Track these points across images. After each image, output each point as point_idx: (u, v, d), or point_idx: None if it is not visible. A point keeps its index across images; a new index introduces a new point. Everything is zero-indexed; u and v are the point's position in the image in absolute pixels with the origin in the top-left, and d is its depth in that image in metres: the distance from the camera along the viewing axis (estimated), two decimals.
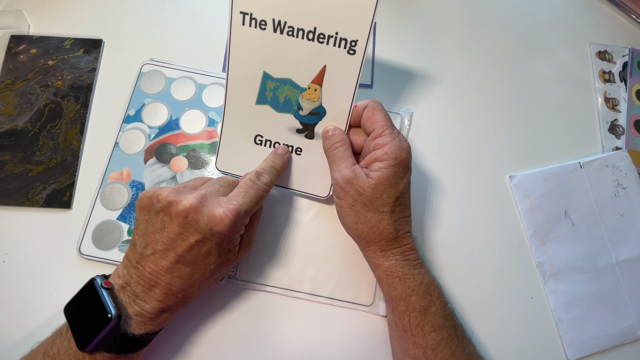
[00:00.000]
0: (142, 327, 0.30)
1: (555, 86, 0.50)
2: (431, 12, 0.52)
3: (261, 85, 0.36)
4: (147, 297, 0.30)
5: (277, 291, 0.39)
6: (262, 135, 0.38)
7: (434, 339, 0.32)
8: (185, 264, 0.31)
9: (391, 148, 0.33)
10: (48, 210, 0.40)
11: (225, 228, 0.30)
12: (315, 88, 0.36)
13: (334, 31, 0.33)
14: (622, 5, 0.55)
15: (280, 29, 0.34)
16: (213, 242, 0.31)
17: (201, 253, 0.31)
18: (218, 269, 0.32)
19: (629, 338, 0.41)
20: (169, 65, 0.45)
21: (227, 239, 0.31)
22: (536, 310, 0.41)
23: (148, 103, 0.44)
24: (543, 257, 0.43)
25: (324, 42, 0.34)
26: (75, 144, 0.42)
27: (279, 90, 0.36)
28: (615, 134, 0.49)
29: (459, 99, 0.48)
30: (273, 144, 0.38)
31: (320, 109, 0.37)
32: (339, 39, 0.33)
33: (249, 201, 0.32)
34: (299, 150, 0.39)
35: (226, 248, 0.32)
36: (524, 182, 0.45)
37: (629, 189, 0.46)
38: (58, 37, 0.46)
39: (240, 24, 0.34)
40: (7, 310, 0.37)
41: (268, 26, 0.34)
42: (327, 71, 0.35)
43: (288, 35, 0.34)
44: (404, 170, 0.34)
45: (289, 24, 0.33)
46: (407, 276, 0.33)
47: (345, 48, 0.34)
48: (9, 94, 0.44)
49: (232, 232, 0.31)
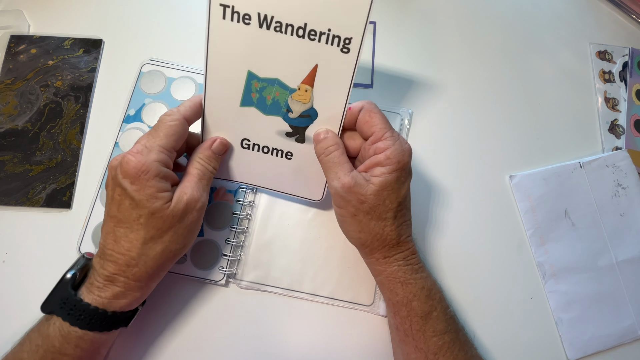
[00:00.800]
0: (90, 295, 0.30)
1: (555, 86, 0.50)
2: (431, 12, 0.52)
3: (246, 86, 0.33)
4: (97, 265, 0.31)
5: (277, 291, 0.39)
6: (248, 139, 0.36)
7: (435, 344, 0.32)
8: (118, 224, 0.31)
9: (393, 152, 0.32)
10: (48, 210, 0.40)
11: (130, 168, 0.29)
12: (305, 89, 0.33)
13: (326, 28, 0.30)
14: (622, 5, 0.55)
15: (266, 24, 0.31)
16: (126, 188, 0.30)
17: (124, 207, 0.30)
18: (151, 225, 0.30)
19: (629, 338, 0.41)
20: (169, 65, 0.45)
21: (136, 179, 0.30)
22: (536, 310, 0.41)
23: (148, 103, 0.44)
24: (543, 257, 0.43)
25: (315, 40, 0.31)
26: (75, 144, 0.42)
27: (266, 91, 0.34)
28: (615, 133, 0.49)
29: (459, 99, 0.48)
30: (261, 147, 0.36)
31: (312, 111, 0.34)
32: (332, 36, 0.31)
33: (158, 139, 0.31)
34: (289, 154, 0.37)
35: (145, 194, 0.30)
36: (524, 182, 0.45)
37: (629, 189, 0.46)
38: (58, 37, 0.46)
39: (221, 17, 0.31)
40: (7, 310, 0.37)
41: (252, 21, 0.31)
42: (319, 71, 0.32)
43: (275, 31, 0.31)
44: (406, 174, 0.33)
45: (276, 19, 0.30)
46: (409, 281, 0.33)
47: (338, 46, 0.31)
48: (9, 94, 0.44)
49: (140, 171, 0.30)
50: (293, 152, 0.37)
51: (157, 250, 0.31)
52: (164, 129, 0.32)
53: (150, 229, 0.30)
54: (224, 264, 0.39)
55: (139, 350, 0.37)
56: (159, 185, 0.31)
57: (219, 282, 0.39)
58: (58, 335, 0.29)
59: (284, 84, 0.33)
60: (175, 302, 0.38)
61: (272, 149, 0.36)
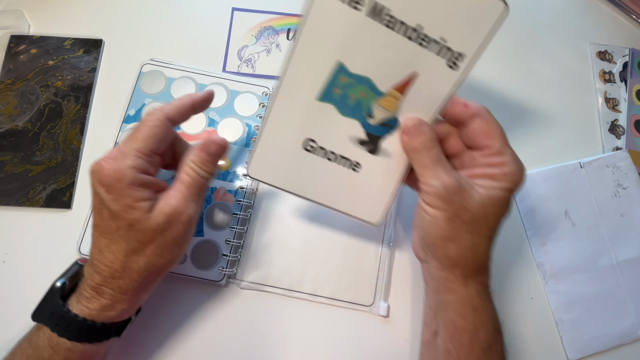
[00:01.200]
0: (79, 306, 0.29)
1: (556, 86, 0.50)
2: None
3: (331, 79, 0.29)
4: (87, 274, 0.30)
5: (277, 291, 0.39)
6: (315, 140, 0.31)
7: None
8: (101, 234, 0.29)
9: (511, 170, 0.28)
10: (48, 210, 0.40)
11: (104, 175, 0.27)
12: (396, 96, 0.30)
13: (440, 36, 0.28)
14: (622, 5, 0.55)
15: (378, 15, 0.27)
16: (103, 198, 0.28)
17: (104, 217, 0.28)
18: (131, 237, 0.28)
19: (629, 338, 0.41)
20: (169, 65, 0.45)
21: (112, 188, 0.27)
22: (536, 311, 0.41)
23: (148, 103, 0.44)
24: (543, 257, 0.43)
25: (424, 46, 0.28)
26: (75, 144, 0.42)
27: (352, 89, 0.30)
28: (615, 134, 0.49)
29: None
30: (327, 153, 0.32)
31: (393, 122, 0.31)
32: (444, 47, 0.28)
33: (135, 142, 0.29)
34: (357, 165, 0.32)
35: (122, 205, 0.27)
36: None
37: (630, 189, 0.46)
38: (58, 37, 0.46)
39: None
40: (7, 310, 0.37)
41: (364, 7, 0.27)
42: (417, 80, 0.29)
43: (384, 25, 0.27)
44: (513, 197, 0.30)
45: (391, 12, 0.27)
46: (481, 308, 0.31)
47: (447, 59, 0.28)
48: (9, 94, 0.44)
49: (113, 179, 0.27)
50: (362, 164, 0.32)
51: (141, 264, 0.29)
52: (143, 130, 0.29)
53: (131, 241, 0.28)
54: (223, 264, 0.39)
55: (138, 350, 0.37)
56: (136, 194, 0.28)
57: (219, 282, 0.39)
58: (47, 346, 0.28)
59: (374, 86, 0.30)
60: (175, 302, 0.38)
61: (340, 156, 0.32)
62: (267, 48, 0.48)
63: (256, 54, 0.47)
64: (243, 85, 0.45)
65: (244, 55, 0.47)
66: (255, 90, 0.45)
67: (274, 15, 0.49)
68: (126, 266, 0.29)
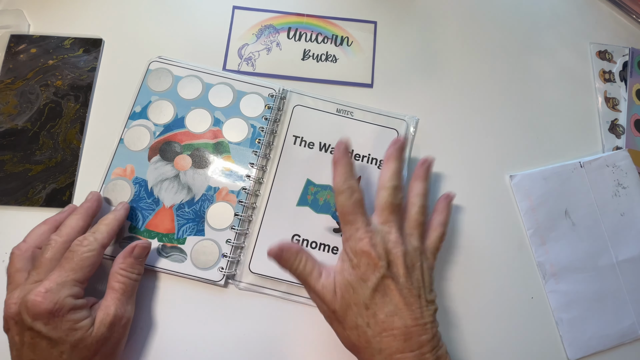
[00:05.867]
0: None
1: (556, 86, 0.50)
2: (430, 12, 0.52)
3: (303, 190, 0.41)
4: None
5: (277, 294, 0.39)
6: (299, 234, 0.40)
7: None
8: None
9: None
10: (48, 210, 0.40)
11: (42, 310, 0.28)
12: None
13: (367, 153, 0.43)
14: (622, 5, 0.55)
15: (325, 148, 0.43)
16: (40, 330, 0.28)
17: (41, 348, 0.29)
18: (76, 356, 0.29)
19: (629, 338, 0.41)
20: (177, 64, 0.45)
21: (50, 319, 0.29)
22: (536, 310, 0.41)
23: (154, 100, 0.44)
24: (543, 257, 0.43)
25: (359, 159, 0.43)
26: (75, 144, 0.42)
27: (320, 194, 0.41)
28: (615, 133, 0.49)
29: (459, 98, 0.48)
30: (310, 243, 0.40)
31: None
32: (371, 158, 0.43)
33: (72, 273, 0.30)
34: (335, 249, 0.40)
35: (63, 330, 0.29)
36: (524, 182, 0.45)
37: (630, 189, 0.46)
38: (58, 36, 0.46)
39: (292, 143, 0.43)
40: None
41: (315, 147, 0.43)
42: (363, 180, 0.42)
43: (331, 153, 0.42)
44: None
45: (332, 146, 0.42)
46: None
47: (376, 164, 0.43)
48: (9, 94, 0.44)
49: (52, 311, 0.28)
50: (339, 247, 0.40)
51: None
52: (78, 261, 0.31)
53: (88, 355, 0.30)
54: (223, 265, 0.39)
55: (137, 350, 0.37)
56: (76, 317, 0.30)
57: (218, 283, 0.39)
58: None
59: None
60: (173, 302, 0.38)
61: (320, 244, 0.40)
62: (268, 46, 0.48)
63: (256, 52, 0.47)
64: (249, 86, 0.45)
65: (244, 53, 0.47)
66: (262, 92, 0.45)
67: (274, 13, 0.49)
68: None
